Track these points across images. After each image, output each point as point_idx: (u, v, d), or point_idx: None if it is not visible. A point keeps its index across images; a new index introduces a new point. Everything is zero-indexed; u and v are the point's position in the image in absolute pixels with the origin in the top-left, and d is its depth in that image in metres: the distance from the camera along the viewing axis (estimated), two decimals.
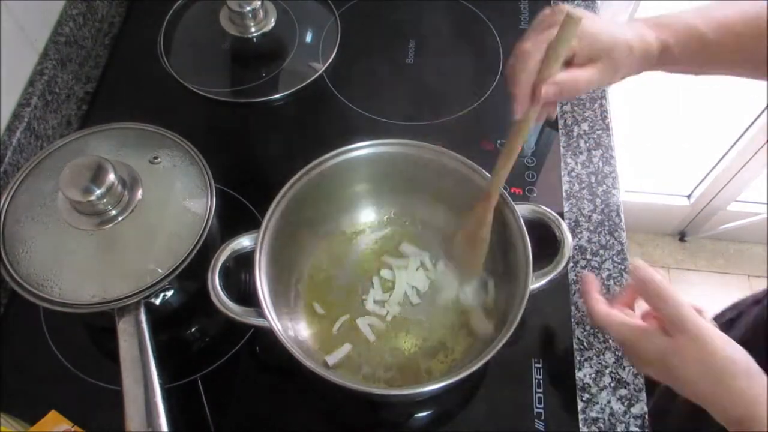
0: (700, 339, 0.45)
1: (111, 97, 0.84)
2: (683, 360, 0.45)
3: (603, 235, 0.72)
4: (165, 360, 0.53)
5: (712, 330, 0.45)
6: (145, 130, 0.65)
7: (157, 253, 0.57)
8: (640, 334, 0.48)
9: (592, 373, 0.63)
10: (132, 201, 0.58)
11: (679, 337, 0.46)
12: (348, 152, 0.64)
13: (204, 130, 0.81)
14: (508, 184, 0.75)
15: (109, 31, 0.91)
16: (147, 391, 0.50)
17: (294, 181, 0.61)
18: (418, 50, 0.89)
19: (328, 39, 0.89)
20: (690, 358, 0.45)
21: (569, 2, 0.93)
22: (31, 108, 0.74)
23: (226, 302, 0.54)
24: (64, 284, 0.55)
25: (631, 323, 0.49)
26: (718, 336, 0.45)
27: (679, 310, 0.46)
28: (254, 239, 0.58)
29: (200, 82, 0.84)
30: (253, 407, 0.62)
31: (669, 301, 0.47)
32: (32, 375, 0.63)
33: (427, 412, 0.63)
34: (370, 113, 0.82)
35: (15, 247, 0.56)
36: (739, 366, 0.44)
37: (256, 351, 0.65)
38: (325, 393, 0.62)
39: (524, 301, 0.54)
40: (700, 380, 0.45)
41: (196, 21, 0.91)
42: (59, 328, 0.65)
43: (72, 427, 0.53)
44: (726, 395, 0.44)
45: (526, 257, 0.57)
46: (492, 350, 0.51)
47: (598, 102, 0.83)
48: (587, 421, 0.61)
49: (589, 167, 0.78)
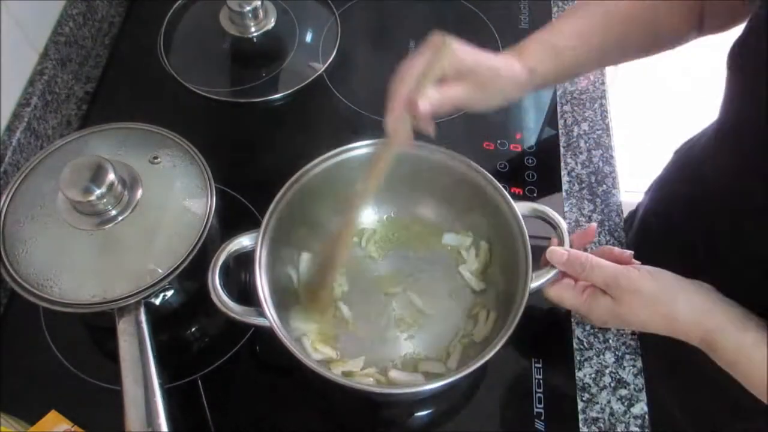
0: (635, 289, 0.53)
1: (111, 97, 0.84)
2: (631, 310, 0.54)
3: (603, 235, 0.72)
4: (165, 360, 0.53)
5: (637, 275, 0.54)
6: (145, 130, 0.65)
7: (157, 253, 0.57)
8: (589, 302, 0.56)
9: (592, 373, 0.63)
10: (132, 201, 0.58)
11: (619, 294, 0.54)
12: (348, 152, 0.64)
13: (204, 130, 0.81)
14: (509, 183, 0.75)
15: (109, 31, 0.91)
16: (147, 391, 0.50)
17: (294, 180, 0.61)
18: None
19: (328, 39, 0.89)
20: (635, 306, 0.53)
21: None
22: (31, 108, 0.74)
23: (227, 301, 0.54)
24: (64, 284, 0.55)
25: (579, 294, 0.57)
26: (646, 276, 0.53)
27: (608, 275, 0.54)
28: (254, 238, 0.58)
29: (200, 82, 0.84)
30: (253, 407, 0.62)
31: (595, 270, 0.55)
32: (32, 375, 0.63)
33: (427, 412, 0.63)
34: (370, 113, 0.82)
35: (15, 247, 0.56)
36: (672, 289, 0.53)
37: (256, 351, 0.65)
38: (325, 392, 0.62)
39: (524, 301, 0.54)
40: (651, 320, 0.54)
41: (196, 21, 0.91)
42: (59, 328, 0.65)
43: (72, 427, 0.53)
44: (677, 323, 0.53)
45: (526, 257, 0.57)
46: (492, 350, 0.52)
47: (598, 102, 0.83)
48: (587, 421, 0.61)
49: (589, 167, 0.78)
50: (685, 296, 0.53)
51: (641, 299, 0.53)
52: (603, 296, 0.55)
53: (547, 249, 0.58)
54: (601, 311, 0.56)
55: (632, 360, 0.64)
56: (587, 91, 0.85)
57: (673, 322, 0.53)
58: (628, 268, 0.55)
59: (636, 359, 0.64)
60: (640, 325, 0.55)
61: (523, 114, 0.83)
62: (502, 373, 0.63)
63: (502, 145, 0.79)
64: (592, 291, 0.56)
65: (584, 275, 0.56)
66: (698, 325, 0.52)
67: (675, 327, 0.53)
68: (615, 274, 0.54)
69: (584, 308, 0.57)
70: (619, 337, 0.65)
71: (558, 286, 0.58)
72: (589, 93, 0.84)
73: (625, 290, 0.53)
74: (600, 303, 0.55)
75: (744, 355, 0.50)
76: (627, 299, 0.54)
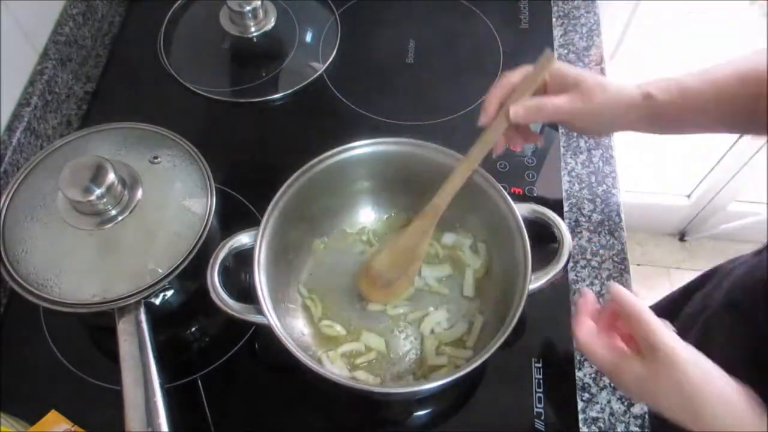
0: (673, 364, 0.44)
1: (111, 97, 0.84)
2: (658, 386, 0.44)
3: (603, 235, 0.72)
4: (165, 360, 0.53)
5: (684, 352, 0.44)
6: (145, 130, 0.65)
7: (157, 253, 0.57)
8: (618, 361, 0.47)
9: (592, 373, 0.63)
10: (132, 201, 0.58)
11: (653, 363, 0.45)
12: (347, 151, 0.64)
13: (204, 130, 0.81)
14: (509, 183, 0.75)
15: (109, 30, 0.91)
16: (147, 391, 0.50)
17: (294, 179, 0.61)
18: (418, 50, 0.89)
19: (328, 39, 0.89)
20: (664, 385, 0.44)
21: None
22: (31, 108, 0.74)
23: (226, 299, 0.54)
24: (64, 284, 0.55)
25: (609, 350, 0.48)
26: (691, 359, 0.44)
27: (651, 334, 0.45)
28: (254, 236, 0.58)
29: (200, 82, 0.84)
30: (253, 407, 0.62)
31: (642, 323, 0.45)
32: (32, 375, 0.63)
33: (426, 411, 0.63)
34: (370, 113, 0.82)
35: (15, 247, 0.56)
36: (713, 389, 0.44)
37: (256, 350, 0.65)
38: (325, 392, 0.62)
39: (522, 301, 0.54)
40: (677, 407, 0.44)
41: (196, 21, 0.91)
42: (59, 328, 0.65)
43: (72, 427, 0.53)
44: (704, 422, 0.43)
45: (525, 257, 0.57)
46: (490, 349, 0.52)
47: None
48: (587, 421, 0.61)
49: (589, 167, 0.78)
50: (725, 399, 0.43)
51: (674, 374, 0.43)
52: (635, 359, 0.46)
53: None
54: (628, 377, 0.46)
55: None
56: None
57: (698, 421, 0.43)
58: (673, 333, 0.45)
59: None
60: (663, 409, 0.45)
61: None
62: (501, 373, 0.63)
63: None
64: (624, 350, 0.48)
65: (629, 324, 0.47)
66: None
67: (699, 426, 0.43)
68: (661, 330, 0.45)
69: (611, 366, 0.47)
70: None
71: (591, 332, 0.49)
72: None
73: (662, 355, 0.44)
74: (630, 364, 0.46)
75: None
76: (658, 367, 0.44)
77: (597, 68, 0.87)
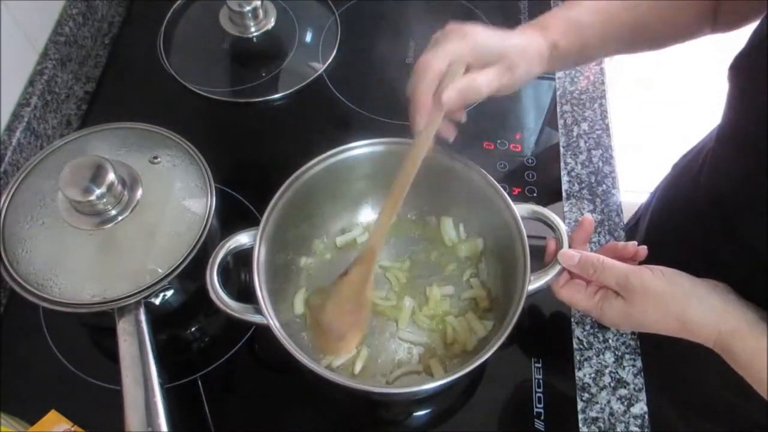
0: (646, 290, 0.52)
1: (111, 97, 0.84)
2: (643, 311, 0.53)
3: (603, 235, 0.72)
4: (165, 360, 0.53)
5: (649, 275, 0.52)
6: (145, 130, 0.65)
7: (157, 253, 0.57)
8: (601, 304, 0.55)
9: (592, 373, 0.63)
10: (132, 201, 0.58)
11: (630, 296, 0.53)
12: (347, 151, 0.64)
13: (204, 130, 0.81)
14: (509, 183, 0.75)
15: (109, 31, 0.91)
16: (147, 391, 0.50)
17: (294, 179, 0.61)
18: (418, 50, 0.89)
19: (328, 39, 0.89)
20: (646, 309, 0.52)
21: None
22: (31, 108, 0.74)
23: (225, 299, 0.54)
24: (64, 284, 0.55)
25: (589, 298, 0.56)
26: (658, 276, 0.52)
27: (620, 277, 0.53)
28: (253, 236, 0.58)
29: (200, 82, 0.84)
30: (253, 407, 0.62)
31: (606, 272, 0.54)
32: (32, 375, 0.63)
33: (426, 411, 0.63)
34: (370, 113, 0.82)
35: (15, 247, 0.56)
36: (686, 291, 0.52)
37: (255, 350, 0.65)
38: (324, 392, 0.63)
39: (521, 302, 0.54)
40: (663, 321, 0.52)
41: (196, 21, 0.91)
42: (59, 328, 0.65)
43: (72, 427, 0.53)
44: (690, 325, 0.51)
45: (525, 258, 0.57)
46: (490, 349, 0.52)
47: (598, 102, 0.83)
48: (587, 421, 0.61)
49: (589, 167, 0.78)
50: (699, 297, 0.52)
51: (653, 300, 0.52)
52: (615, 298, 0.54)
53: (559, 251, 0.57)
54: (613, 313, 0.54)
55: (632, 360, 0.64)
56: (587, 91, 0.85)
57: (686, 324, 0.51)
58: (640, 268, 0.53)
59: (636, 359, 0.64)
60: (653, 326, 0.54)
61: (523, 114, 0.83)
62: (502, 373, 0.63)
63: (502, 145, 0.79)
64: (604, 293, 0.55)
65: (596, 276, 0.55)
66: (712, 327, 0.50)
67: (688, 329, 0.52)
68: (626, 274, 0.53)
69: (596, 311, 0.56)
70: (619, 337, 0.66)
71: (569, 287, 0.57)
72: (589, 93, 0.84)
73: (637, 290, 0.52)
74: (612, 305, 0.54)
75: (759, 358, 0.48)
76: (639, 300, 0.52)
77: (597, 68, 0.87)
